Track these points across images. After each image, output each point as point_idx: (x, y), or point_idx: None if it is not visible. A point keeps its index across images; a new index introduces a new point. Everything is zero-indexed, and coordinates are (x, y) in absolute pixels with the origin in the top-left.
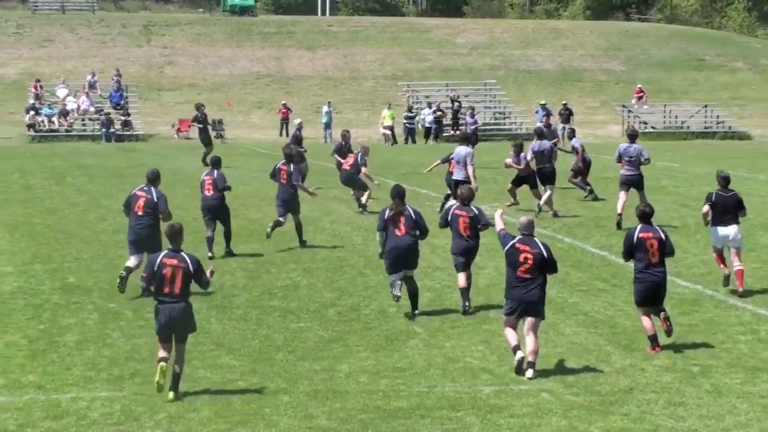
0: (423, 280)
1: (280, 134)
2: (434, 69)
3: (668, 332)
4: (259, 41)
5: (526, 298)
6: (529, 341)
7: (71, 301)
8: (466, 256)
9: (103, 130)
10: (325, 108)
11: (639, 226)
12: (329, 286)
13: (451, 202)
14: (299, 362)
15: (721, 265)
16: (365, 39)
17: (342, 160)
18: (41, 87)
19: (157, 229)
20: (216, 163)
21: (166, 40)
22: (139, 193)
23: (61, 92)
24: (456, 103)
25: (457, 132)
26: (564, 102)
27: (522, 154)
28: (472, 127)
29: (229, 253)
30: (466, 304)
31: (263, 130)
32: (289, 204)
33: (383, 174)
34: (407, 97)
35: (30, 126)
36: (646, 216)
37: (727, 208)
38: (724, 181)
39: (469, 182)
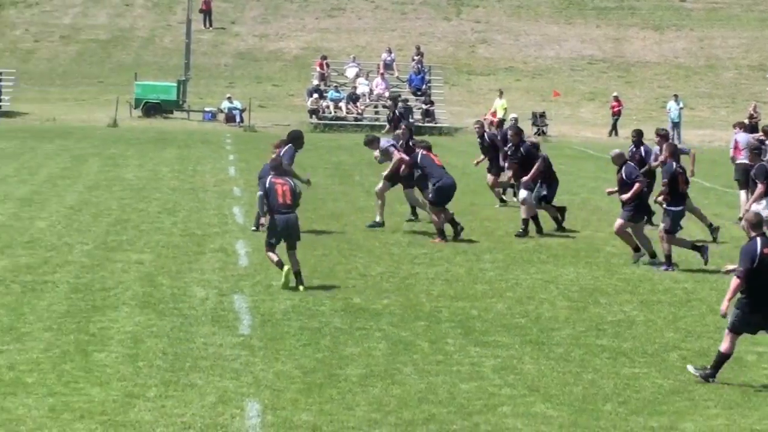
0: None
1: (610, 134)
2: None
3: None
4: (593, 18)
5: None
6: None
7: (355, 327)
8: None
9: None
10: (672, 103)
11: None
12: (672, 324)
13: None
14: (632, 416)
15: None
16: (727, 19)
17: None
18: (327, 66)
19: None
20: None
21: (480, 13)
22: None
23: (351, 72)
24: None
25: None
26: None
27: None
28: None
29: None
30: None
31: (594, 127)
32: None
33: None
34: None
35: (312, 112)
36: None
37: None
38: None
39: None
